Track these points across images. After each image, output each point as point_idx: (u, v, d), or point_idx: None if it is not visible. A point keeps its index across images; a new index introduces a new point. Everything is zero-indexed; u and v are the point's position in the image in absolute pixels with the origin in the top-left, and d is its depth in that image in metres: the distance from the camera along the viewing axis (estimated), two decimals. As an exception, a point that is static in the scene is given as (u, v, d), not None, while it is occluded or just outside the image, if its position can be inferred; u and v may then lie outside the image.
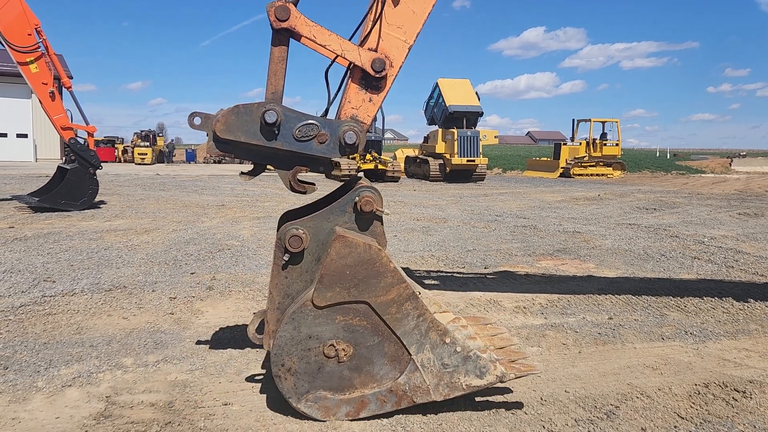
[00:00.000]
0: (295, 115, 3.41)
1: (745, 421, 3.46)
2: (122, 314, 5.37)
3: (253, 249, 8.65)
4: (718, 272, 7.51)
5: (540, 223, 11.98)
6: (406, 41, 3.54)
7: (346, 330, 3.32)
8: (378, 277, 3.30)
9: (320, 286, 3.26)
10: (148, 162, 41.29)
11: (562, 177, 30.97)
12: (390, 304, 3.32)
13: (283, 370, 3.28)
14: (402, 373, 3.36)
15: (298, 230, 3.37)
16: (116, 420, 3.34)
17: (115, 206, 13.93)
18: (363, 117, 3.55)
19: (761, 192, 21.66)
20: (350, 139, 3.40)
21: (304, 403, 3.30)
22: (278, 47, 3.44)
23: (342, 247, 3.27)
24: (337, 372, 3.32)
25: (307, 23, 3.40)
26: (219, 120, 3.35)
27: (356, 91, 3.53)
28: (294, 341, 3.27)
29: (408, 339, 3.35)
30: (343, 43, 3.45)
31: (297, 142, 3.42)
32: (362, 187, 3.45)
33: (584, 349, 4.69)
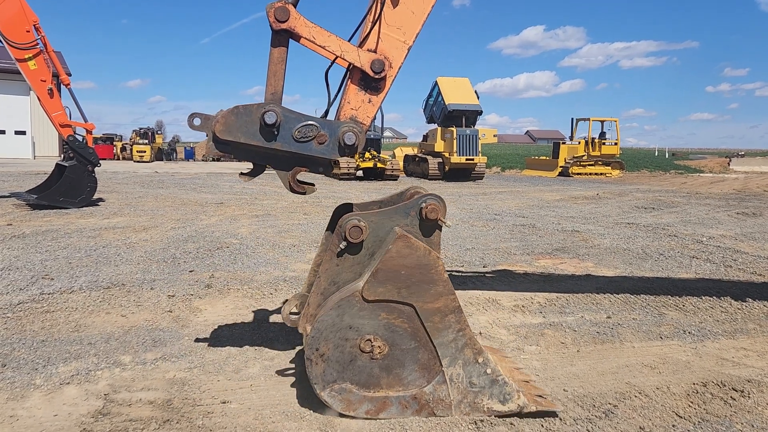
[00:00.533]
0: (295, 116, 3.41)
1: (743, 420, 3.46)
2: (121, 312, 5.36)
3: (251, 247, 8.65)
4: (717, 271, 7.52)
5: (539, 222, 11.98)
6: (405, 42, 3.54)
7: (387, 329, 3.33)
8: (430, 283, 3.33)
9: (373, 280, 3.28)
10: (147, 159, 41.23)
11: (560, 176, 30.98)
12: (435, 313, 3.34)
13: (316, 355, 3.28)
14: (429, 382, 3.37)
15: (360, 222, 3.39)
16: (114, 418, 3.34)
17: (114, 204, 13.91)
18: (362, 118, 3.55)
19: (760, 191, 21.68)
20: (350, 140, 3.41)
21: (329, 391, 3.30)
22: (278, 48, 3.44)
23: (404, 247, 3.30)
24: (368, 368, 3.33)
25: (307, 24, 3.40)
26: (218, 121, 3.35)
27: (355, 92, 3.53)
28: (334, 328, 3.28)
29: (443, 350, 3.37)
30: (342, 44, 3.45)
31: (296, 143, 3.42)
32: (430, 195, 3.49)
33: (583, 348, 4.69)
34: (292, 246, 8.84)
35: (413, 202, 3.46)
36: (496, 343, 4.74)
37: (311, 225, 11.08)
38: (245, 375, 4.01)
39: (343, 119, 3.52)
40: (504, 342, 4.77)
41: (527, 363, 4.32)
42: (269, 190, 18.87)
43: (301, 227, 10.78)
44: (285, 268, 7.33)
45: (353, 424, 3.31)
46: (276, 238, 9.55)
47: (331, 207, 14.27)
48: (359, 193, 18.69)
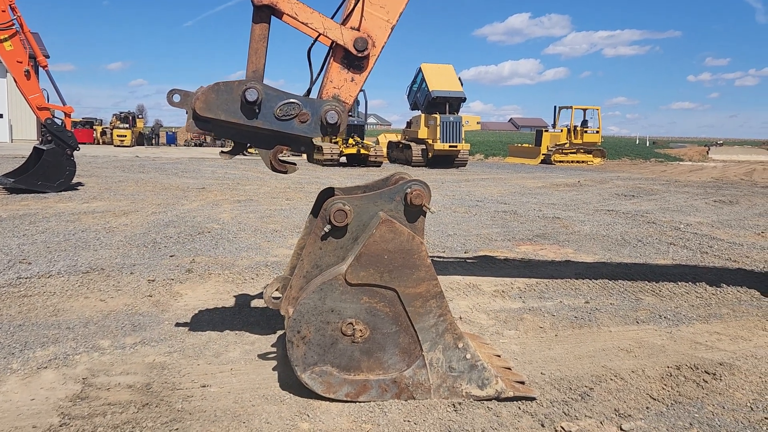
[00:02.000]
0: (276, 94, 3.38)
1: (715, 402, 3.55)
2: (100, 296, 5.32)
3: (233, 232, 8.61)
4: (693, 258, 7.65)
5: (520, 209, 12.06)
6: (388, 21, 3.51)
7: (368, 312, 3.35)
8: (413, 268, 3.34)
9: (356, 264, 3.29)
10: (128, 144, 40.71)
11: (543, 163, 31.17)
12: (417, 298, 3.36)
13: (297, 337, 3.29)
14: (409, 366, 3.40)
15: (345, 206, 3.38)
16: (93, 402, 3.33)
17: (93, 188, 13.74)
18: (345, 97, 3.52)
19: (737, 180, 22.03)
20: (332, 119, 3.39)
21: (309, 374, 3.31)
22: (259, 24, 3.39)
23: (387, 232, 3.30)
24: (349, 351, 3.35)
25: (289, 0, 3.35)
26: (198, 98, 3.31)
27: (338, 71, 3.50)
28: (316, 311, 3.29)
29: (424, 335, 3.39)
30: (325, 22, 3.41)
31: (278, 121, 3.39)
32: (415, 181, 3.48)
33: (561, 332, 4.76)
34: (274, 231, 8.81)
35: (398, 188, 3.46)
36: (476, 327, 4.79)
37: (294, 210, 11.05)
38: (225, 359, 4.02)
39: (326, 98, 3.48)
40: (484, 326, 4.83)
41: (506, 347, 4.37)
42: (252, 176, 18.76)
43: (283, 212, 10.74)
44: (267, 253, 7.31)
45: (333, 407, 3.33)
46: (258, 223, 9.52)
47: (314, 192, 14.23)
48: (343, 179, 18.66)
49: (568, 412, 3.35)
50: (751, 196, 15.47)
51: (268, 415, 3.23)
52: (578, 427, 3.20)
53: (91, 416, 3.15)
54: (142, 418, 3.14)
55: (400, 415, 3.24)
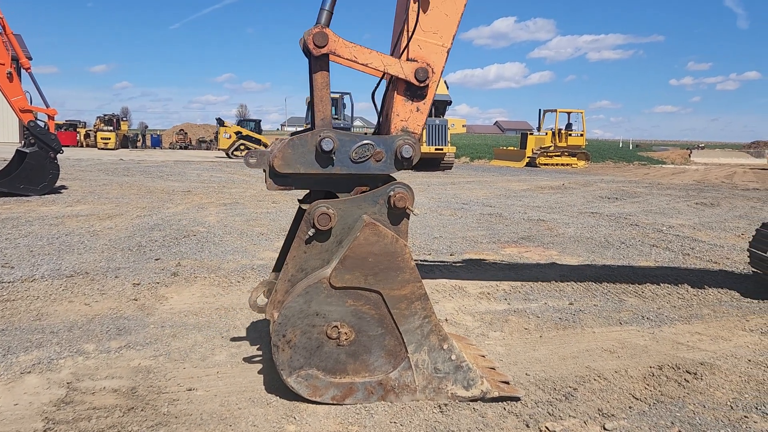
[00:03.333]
0: (349, 138, 3.43)
1: (696, 401, 3.61)
2: (84, 300, 5.29)
3: (219, 235, 8.58)
4: (675, 259, 7.75)
5: (505, 212, 12.15)
6: (443, 45, 3.55)
7: (354, 315, 3.36)
8: (397, 270, 3.36)
9: (341, 267, 3.30)
10: (112, 147, 40.38)
11: (528, 166, 31.36)
12: (401, 300, 3.38)
13: (283, 341, 3.29)
14: (395, 368, 3.42)
15: (328, 209, 3.40)
16: (77, 406, 3.31)
17: (77, 191, 13.62)
18: (413, 127, 3.56)
19: (718, 183, 22.33)
20: (407, 153, 3.44)
21: (295, 378, 3.32)
22: (320, 73, 3.41)
23: (371, 235, 3.32)
24: (335, 354, 3.36)
25: (346, 45, 3.38)
26: (276, 156, 3.35)
27: (402, 103, 3.54)
28: (301, 315, 3.30)
29: (409, 337, 3.41)
30: (384, 59, 3.45)
31: (355, 164, 3.44)
32: (398, 184, 3.50)
33: (545, 333, 4.81)
34: (261, 234, 8.80)
35: (381, 191, 3.49)
36: (462, 329, 4.83)
37: (280, 213, 11.04)
38: (212, 362, 4.01)
39: (395, 132, 3.53)
40: (469, 328, 4.86)
41: (491, 349, 4.41)
42: (238, 179, 18.71)
43: (269, 215, 10.73)
44: (253, 256, 7.30)
45: (320, 409, 3.35)
46: (244, 226, 9.50)
47: (300, 195, 14.20)
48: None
49: (553, 413, 3.39)
50: (731, 199, 15.70)
51: (255, 418, 3.24)
52: (562, 427, 3.24)
53: (75, 421, 3.14)
54: (127, 422, 3.13)
55: (387, 417, 3.26)
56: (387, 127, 3.60)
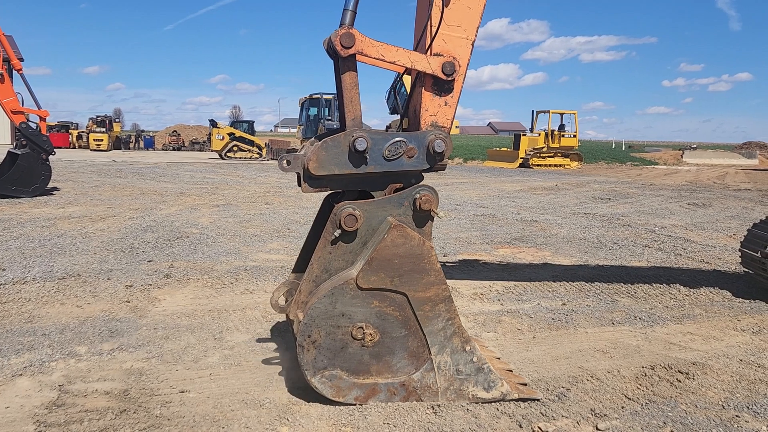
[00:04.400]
0: (381, 136, 3.44)
1: (688, 401, 3.62)
2: (76, 302, 5.26)
3: (212, 237, 8.56)
4: (667, 260, 7.79)
5: (499, 212, 12.17)
6: (468, 38, 3.57)
7: (378, 317, 3.37)
8: (423, 273, 3.37)
9: (367, 268, 3.31)
10: (104, 148, 40.24)
11: (521, 167, 31.44)
12: (426, 302, 3.40)
13: (308, 341, 3.29)
14: (417, 370, 3.44)
15: (355, 210, 3.40)
16: (69, 409, 3.29)
17: (69, 193, 13.56)
18: (443, 122, 3.58)
19: (710, 183, 22.45)
20: (439, 148, 3.47)
21: (319, 378, 3.32)
22: (348, 73, 3.43)
23: (398, 237, 3.33)
24: (358, 355, 3.37)
25: (373, 44, 3.39)
26: (311, 159, 3.36)
27: (431, 98, 3.56)
28: (327, 315, 3.30)
29: (432, 339, 3.43)
30: (411, 56, 3.46)
31: (388, 162, 3.45)
32: (423, 186, 3.52)
33: (538, 334, 4.82)
34: (254, 236, 8.78)
35: (407, 193, 3.50)
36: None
37: (273, 215, 11.02)
38: (204, 364, 4.00)
39: (425, 127, 3.55)
40: (462, 329, 4.86)
41: (484, 349, 4.41)
42: (231, 180, 18.67)
43: (263, 217, 10.71)
44: (246, 257, 7.29)
45: (312, 411, 3.34)
46: (237, 227, 9.48)
47: (294, 197, 14.21)
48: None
49: (545, 413, 3.40)
50: (723, 199, 15.78)
51: (248, 420, 3.23)
52: (555, 427, 3.24)
53: (67, 423, 3.12)
54: (119, 425, 3.12)
55: (380, 418, 3.26)
56: (416, 123, 3.62)
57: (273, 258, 7.31)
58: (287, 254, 7.55)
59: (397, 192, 3.54)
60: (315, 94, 29.70)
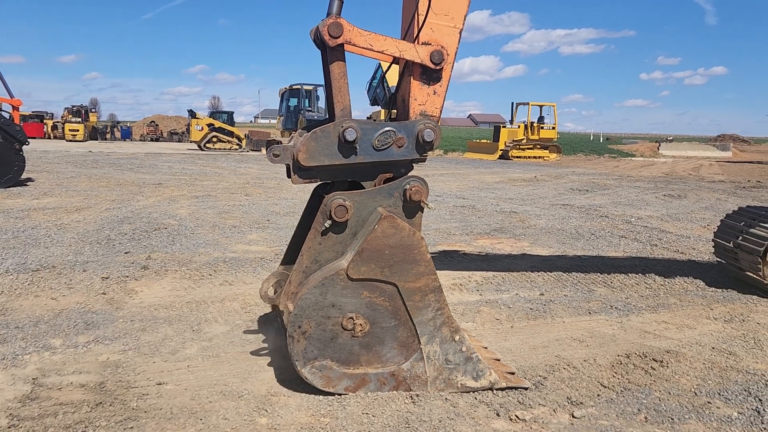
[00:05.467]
0: (371, 126, 3.43)
1: (662, 389, 3.69)
2: (51, 295, 5.18)
3: (190, 228, 8.48)
4: (643, 250, 7.90)
5: (478, 204, 12.23)
6: (455, 26, 3.56)
7: (369, 307, 3.37)
8: (413, 263, 3.38)
9: (358, 259, 3.30)
10: (80, 139, 39.56)
11: (501, 159, 31.60)
12: (416, 292, 3.41)
13: (298, 332, 3.29)
14: (407, 360, 3.45)
15: (345, 201, 3.39)
16: (43, 402, 3.25)
17: (44, 184, 13.32)
18: (431, 111, 3.57)
19: (685, 175, 22.79)
20: (429, 137, 3.47)
21: (309, 368, 3.32)
22: (336, 63, 3.42)
23: (389, 227, 3.33)
24: (348, 346, 3.37)
25: (361, 33, 3.37)
26: (300, 150, 3.34)
27: (419, 88, 3.55)
28: (317, 306, 3.30)
29: (422, 328, 3.44)
30: (399, 45, 3.45)
31: (378, 152, 3.45)
32: (413, 177, 3.52)
33: (516, 323, 4.87)
34: (233, 227, 8.72)
35: (397, 184, 3.50)
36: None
37: (253, 206, 10.95)
38: (182, 356, 3.97)
39: (413, 117, 3.54)
40: (441, 319, 4.89)
41: (463, 339, 4.44)
42: (210, 171, 18.50)
43: (242, 208, 10.63)
44: (225, 249, 7.23)
45: (291, 401, 3.34)
46: (216, 218, 9.40)
47: (273, 188, 14.12)
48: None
49: (523, 401, 3.44)
50: (698, 191, 16.04)
51: (226, 411, 3.22)
52: (532, 415, 3.28)
53: (41, 417, 3.08)
54: (95, 418, 3.09)
55: (359, 408, 3.27)
56: (405, 113, 3.62)
57: (252, 249, 7.27)
58: (267, 245, 7.51)
59: (387, 182, 3.55)
60: (295, 85, 29.52)
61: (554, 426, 3.18)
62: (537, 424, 3.19)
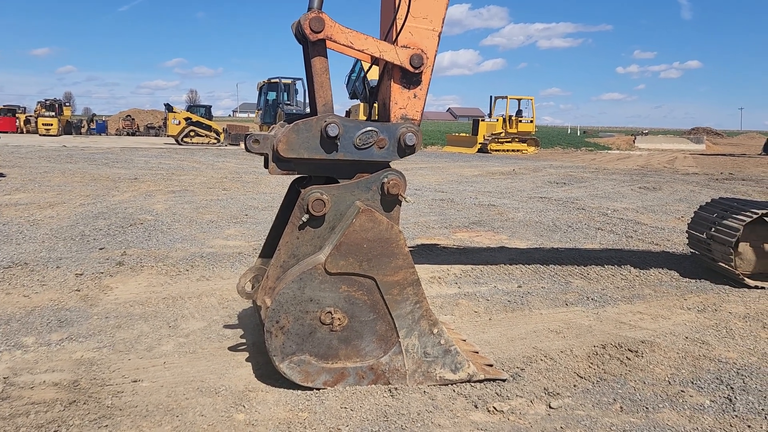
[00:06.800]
0: (353, 125, 3.42)
1: (636, 378, 3.74)
2: (23, 292, 5.08)
3: (167, 223, 8.38)
4: (619, 242, 8.00)
5: (457, 197, 12.27)
6: (434, 29, 3.56)
7: (347, 301, 3.36)
8: (391, 257, 3.38)
9: (336, 253, 3.29)
10: (54, 133, 38.82)
11: (479, 152, 31.72)
12: (394, 285, 3.40)
13: (276, 327, 3.27)
14: (386, 353, 3.45)
15: (323, 195, 3.38)
16: (15, 401, 3.18)
17: (16, 179, 13.05)
18: (412, 114, 3.57)
19: (660, 167, 23.11)
20: (410, 141, 3.48)
21: (287, 363, 3.30)
22: (318, 58, 3.40)
23: (367, 221, 3.32)
24: (327, 340, 3.36)
25: (343, 30, 3.36)
26: (281, 140, 3.32)
27: (399, 91, 3.55)
28: (295, 301, 3.28)
29: (400, 322, 3.44)
30: (380, 45, 3.44)
31: (358, 151, 3.45)
32: (391, 171, 3.52)
33: (494, 316, 4.90)
34: (211, 222, 8.64)
35: (374, 177, 3.50)
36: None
37: (231, 200, 10.85)
38: (158, 353, 3.93)
39: (395, 120, 3.53)
40: (420, 312, 4.90)
41: (442, 332, 4.45)
42: (187, 166, 18.29)
43: (220, 203, 10.54)
44: (202, 244, 7.16)
45: (269, 397, 3.32)
46: (193, 214, 9.30)
47: (251, 182, 14.01)
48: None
49: (501, 393, 3.47)
50: (672, 183, 16.28)
51: (203, 408, 3.19)
52: (509, 406, 3.31)
53: (12, 417, 3.02)
54: (68, 416, 3.04)
55: (337, 402, 3.26)
56: (386, 115, 3.61)
57: (230, 244, 7.21)
58: (245, 240, 7.45)
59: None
60: (273, 79, 29.23)
61: (531, 417, 3.21)
62: (514, 415, 3.22)
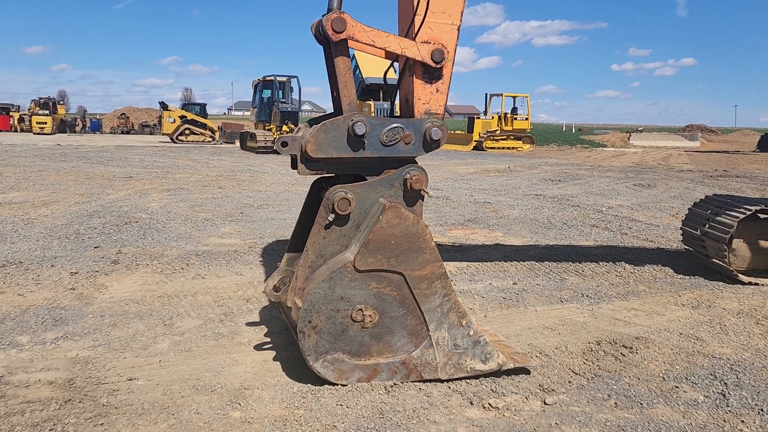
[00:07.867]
0: (380, 122, 3.44)
1: (631, 374, 3.76)
2: (17, 291, 5.07)
3: (162, 222, 8.36)
4: (614, 239, 8.03)
5: (452, 194, 12.29)
6: (453, 23, 3.58)
7: (377, 297, 3.38)
8: (418, 251, 3.40)
9: (364, 251, 3.31)
10: (48, 132, 38.71)
11: (475, 150, 31.76)
12: (422, 280, 3.42)
13: (308, 327, 3.28)
14: (417, 347, 3.47)
15: (347, 194, 3.39)
16: (9, 400, 3.18)
17: (10, 178, 13.01)
18: (435, 109, 3.60)
19: (654, 165, 23.18)
20: (436, 135, 3.51)
21: (321, 362, 3.32)
22: (341, 58, 3.42)
23: (393, 218, 3.34)
24: (359, 337, 3.38)
25: (364, 29, 3.37)
26: (309, 141, 3.34)
27: (422, 86, 3.57)
28: (326, 300, 3.30)
29: (430, 315, 3.46)
30: (401, 42, 3.45)
31: (385, 147, 3.47)
32: (413, 167, 3.53)
33: (489, 313, 4.91)
34: (206, 220, 8.62)
35: (397, 174, 3.53)
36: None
37: (226, 198, 10.84)
38: (154, 351, 3.92)
39: (418, 115, 3.56)
40: (416, 310, 4.90)
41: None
42: (182, 164, 18.26)
43: (215, 201, 10.52)
44: (197, 242, 7.15)
45: (265, 394, 3.33)
46: (189, 212, 9.28)
47: (247, 181, 13.99)
48: (277, 166, 18.41)
49: (496, 389, 3.48)
50: (667, 180, 16.33)
51: (199, 406, 3.19)
52: (504, 402, 3.32)
53: (8, 415, 3.02)
54: (64, 415, 3.03)
55: (333, 400, 3.27)
56: (409, 112, 3.64)
57: (225, 242, 7.20)
58: (240, 238, 7.45)
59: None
60: (269, 76, 29.15)
61: (526, 413, 3.23)
62: (509, 412, 3.23)
